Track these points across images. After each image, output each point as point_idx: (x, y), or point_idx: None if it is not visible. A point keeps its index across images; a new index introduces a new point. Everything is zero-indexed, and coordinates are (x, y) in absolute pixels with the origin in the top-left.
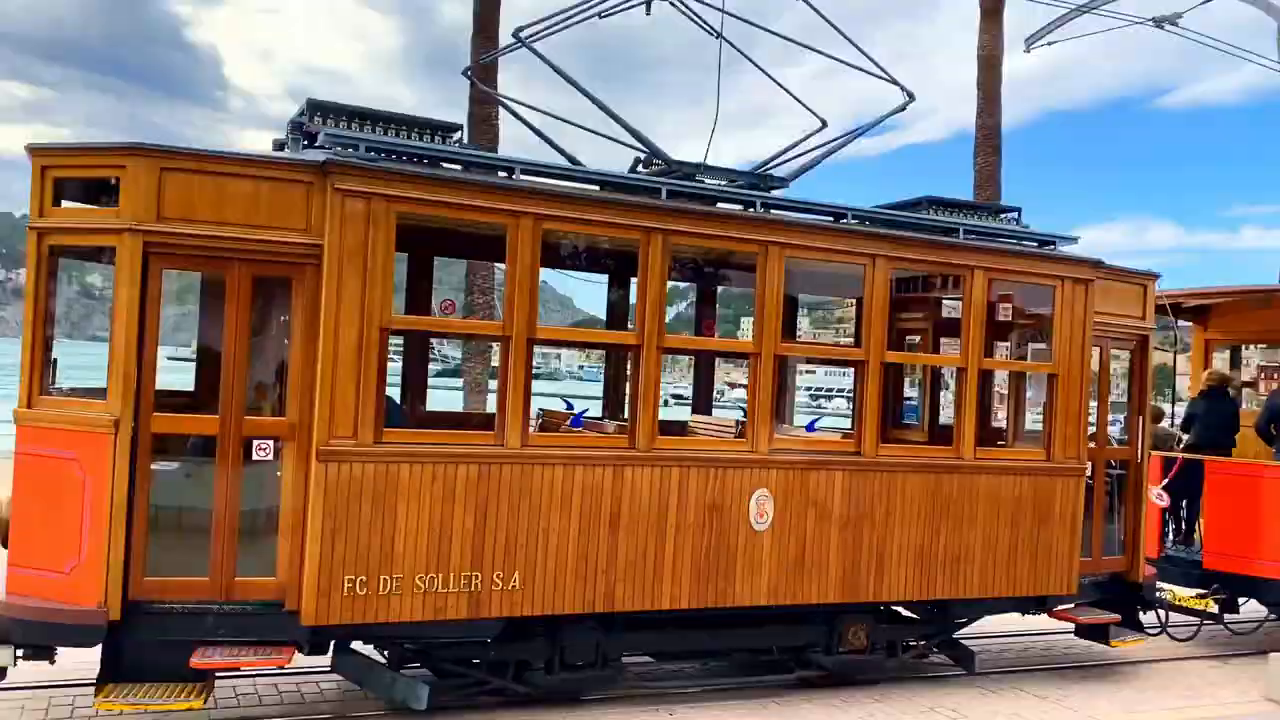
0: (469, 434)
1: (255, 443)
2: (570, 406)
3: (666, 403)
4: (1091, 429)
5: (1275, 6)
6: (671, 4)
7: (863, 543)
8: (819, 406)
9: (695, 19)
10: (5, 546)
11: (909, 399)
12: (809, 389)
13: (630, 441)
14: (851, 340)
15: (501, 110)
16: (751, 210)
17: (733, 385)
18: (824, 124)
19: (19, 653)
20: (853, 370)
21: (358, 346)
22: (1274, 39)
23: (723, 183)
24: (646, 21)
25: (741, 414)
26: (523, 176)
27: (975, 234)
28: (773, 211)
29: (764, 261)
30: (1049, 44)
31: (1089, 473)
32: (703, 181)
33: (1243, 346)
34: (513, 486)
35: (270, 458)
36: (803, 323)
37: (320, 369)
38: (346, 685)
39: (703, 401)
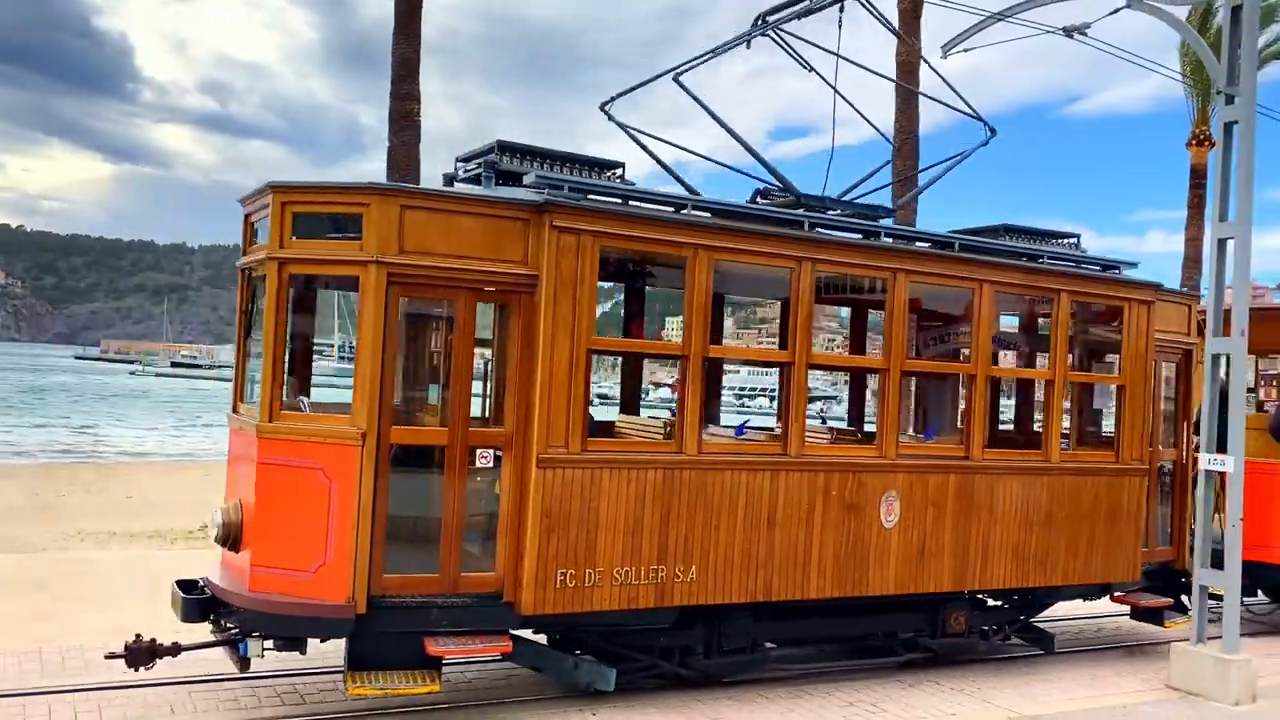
0: (657, 443)
1: (478, 451)
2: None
3: (594, 403)
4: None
5: (1178, 19)
6: (774, 41)
7: (971, 537)
8: (743, 406)
9: (794, 55)
10: (231, 549)
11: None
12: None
13: (784, 449)
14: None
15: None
16: (877, 240)
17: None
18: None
19: (267, 644)
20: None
21: (569, 365)
22: (1174, 53)
23: (846, 213)
24: (584, 22)
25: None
26: (694, 211)
27: (1054, 260)
28: (897, 241)
29: (893, 286)
30: (965, 50)
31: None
32: (833, 214)
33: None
34: (691, 489)
35: (491, 465)
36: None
37: (539, 385)
38: (496, 672)
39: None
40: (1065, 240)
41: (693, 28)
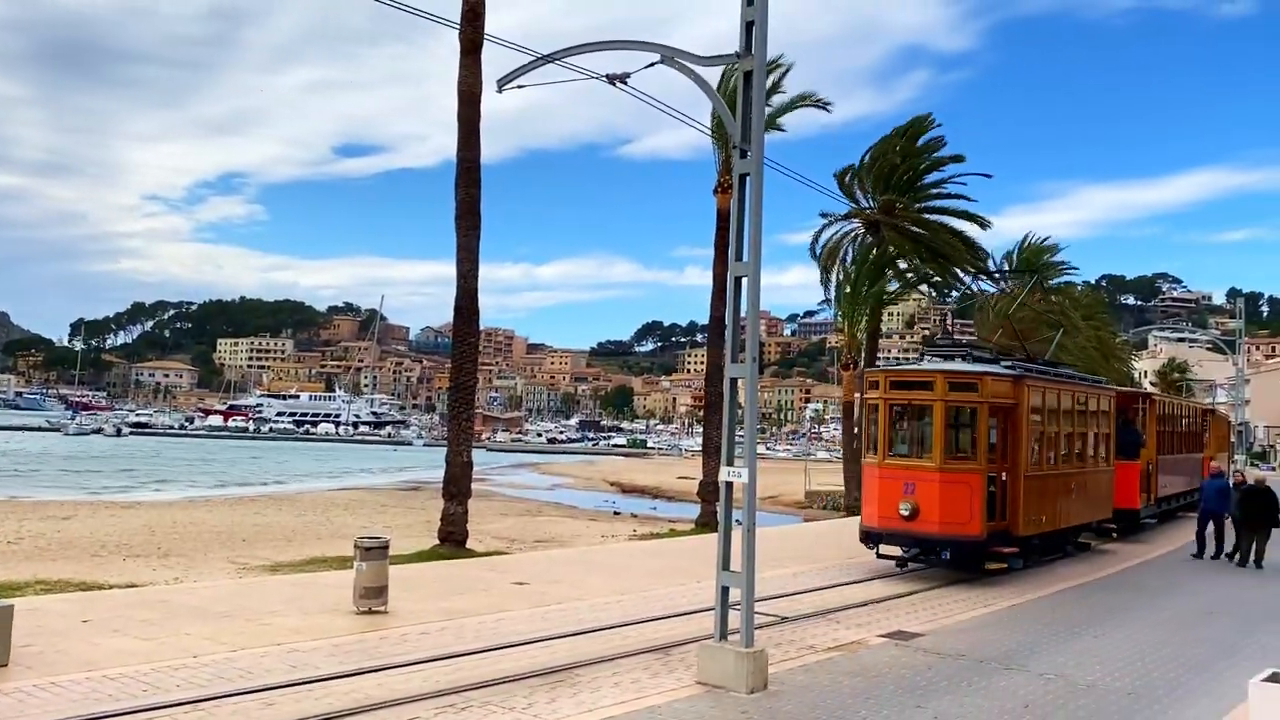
0: (1047, 464)
1: (1002, 474)
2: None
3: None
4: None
5: (701, 78)
6: None
7: (1084, 498)
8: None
9: None
10: (913, 520)
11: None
12: None
13: (1059, 468)
14: None
15: None
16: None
17: None
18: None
19: (946, 555)
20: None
21: (1027, 438)
22: (709, 106)
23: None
24: (118, 10)
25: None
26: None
27: (1095, 382)
28: (1074, 380)
29: (1075, 396)
30: (519, 87)
31: None
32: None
33: None
34: (1044, 483)
35: (1005, 478)
36: None
37: (1023, 446)
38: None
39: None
40: (1069, 367)
41: (250, 31)
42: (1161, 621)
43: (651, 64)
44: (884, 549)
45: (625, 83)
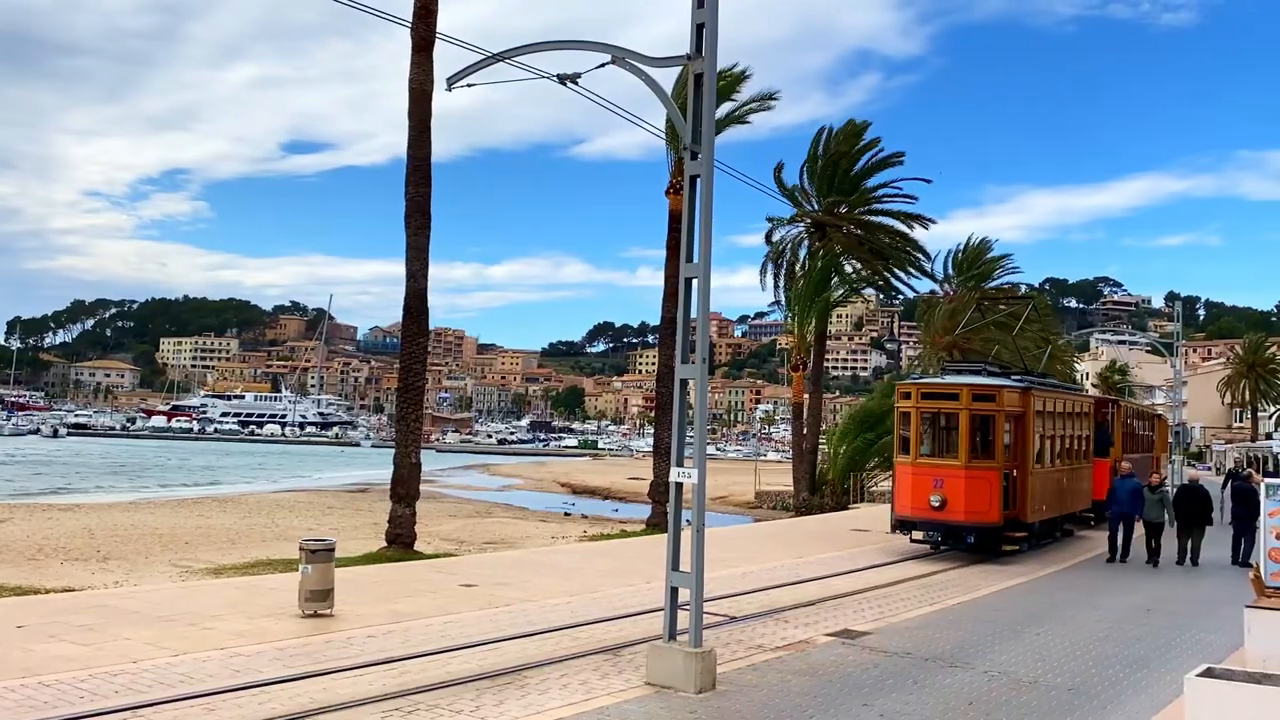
0: (1047, 462)
1: (1013, 470)
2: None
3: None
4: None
5: (653, 79)
6: None
7: (1075, 490)
8: None
9: None
10: (942, 510)
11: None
12: None
13: (1052, 465)
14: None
15: None
16: (1061, 390)
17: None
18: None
19: (970, 539)
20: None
21: (1032, 440)
22: (662, 107)
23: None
24: (54, 3)
25: None
26: (1040, 384)
27: (1076, 389)
28: (1062, 390)
29: (1066, 403)
30: (469, 85)
31: None
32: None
33: None
34: (1044, 478)
35: (1015, 474)
36: None
37: (1029, 447)
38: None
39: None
40: (1051, 379)
41: (194, 25)
42: (1102, 618)
43: (602, 64)
44: (915, 535)
45: (576, 83)
